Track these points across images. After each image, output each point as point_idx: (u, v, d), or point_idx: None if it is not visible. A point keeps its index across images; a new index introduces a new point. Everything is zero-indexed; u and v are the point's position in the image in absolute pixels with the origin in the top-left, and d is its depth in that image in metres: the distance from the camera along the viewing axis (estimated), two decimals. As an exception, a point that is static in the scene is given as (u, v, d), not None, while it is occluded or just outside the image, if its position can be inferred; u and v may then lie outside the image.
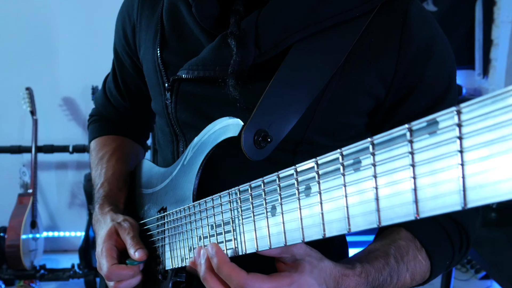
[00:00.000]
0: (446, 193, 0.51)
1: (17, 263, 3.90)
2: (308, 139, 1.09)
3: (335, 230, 0.69)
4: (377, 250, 1.05)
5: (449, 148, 0.51)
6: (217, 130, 1.03)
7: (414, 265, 1.06)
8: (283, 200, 0.78)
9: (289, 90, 1.01)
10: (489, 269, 2.43)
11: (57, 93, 4.58)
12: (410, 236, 1.09)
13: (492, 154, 0.46)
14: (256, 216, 0.85)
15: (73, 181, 4.83)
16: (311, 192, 0.73)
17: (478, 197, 0.48)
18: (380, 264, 1.01)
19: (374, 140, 0.60)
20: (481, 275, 4.27)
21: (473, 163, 0.48)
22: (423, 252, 1.08)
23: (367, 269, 0.99)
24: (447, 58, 1.11)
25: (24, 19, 4.41)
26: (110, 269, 1.16)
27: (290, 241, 0.78)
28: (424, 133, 0.53)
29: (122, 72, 1.47)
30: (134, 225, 1.23)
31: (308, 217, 0.73)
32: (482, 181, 0.47)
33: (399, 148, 0.57)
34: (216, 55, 1.07)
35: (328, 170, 0.69)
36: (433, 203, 0.53)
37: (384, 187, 0.59)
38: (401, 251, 1.05)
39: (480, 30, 4.33)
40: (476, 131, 0.48)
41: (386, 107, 1.11)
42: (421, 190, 0.54)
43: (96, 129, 1.60)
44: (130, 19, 1.31)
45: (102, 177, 1.42)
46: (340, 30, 1.03)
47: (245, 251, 0.89)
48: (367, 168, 0.62)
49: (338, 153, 0.67)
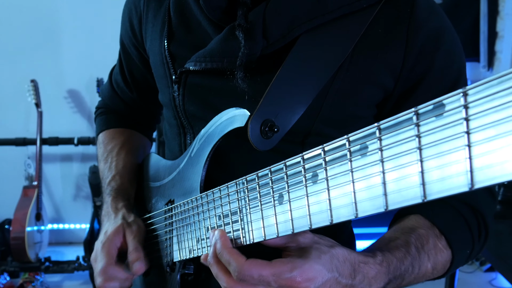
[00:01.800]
0: (453, 175, 0.51)
1: (22, 255, 3.92)
2: (316, 131, 1.08)
3: (343, 215, 0.69)
4: (397, 238, 1.02)
5: (455, 130, 0.51)
6: (224, 121, 1.02)
7: (435, 254, 1.03)
8: (290, 188, 0.78)
9: (296, 81, 1.01)
10: (494, 262, 2.43)
11: (62, 85, 4.60)
12: (428, 224, 1.06)
13: (498, 134, 0.46)
14: (263, 205, 0.85)
15: (78, 174, 4.85)
16: (318, 179, 0.73)
17: (485, 177, 0.48)
18: (401, 253, 0.98)
19: (381, 125, 0.61)
20: (486, 267, 4.28)
21: (480, 144, 0.48)
22: (443, 239, 1.05)
23: (388, 258, 0.95)
24: (455, 48, 1.10)
25: (29, 12, 4.42)
26: (105, 267, 1.16)
27: (297, 228, 0.78)
28: (430, 115, 0.53)
29: (129, 64, 1.47)
30: (142, 229, 1.24)
31: (316, 203, 0.74)
32: (489, 162, 0.47)
33: (405, 132, 0.57)
34: (224, 47, 1.07)
35: (335, 156, 0.69)
36: (440, 185, 0.53)
37: (391, 171, 0.60)
38: (421, 240, 1.02)
39: (485, 22, 4.32)
40: (483, 112, 0.48)
41: (395, 98, 1.10)
42: (428, 172, 0.54)
43: (103, 122, 1.60)
44: (137, 11, 1.31)
45: (113, 170, 1.42)
46: (347, 21, 1.02)
47: (253, 240, 0.88)
48: (374, 153, 0.62)
49: (345, 139, 0.67)
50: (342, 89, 1.06)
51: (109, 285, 1.17)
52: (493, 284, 4.15)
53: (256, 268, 0.85)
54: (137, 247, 1.19)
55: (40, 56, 4.51)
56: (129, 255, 1.18)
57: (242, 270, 0.85)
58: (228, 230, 0.95)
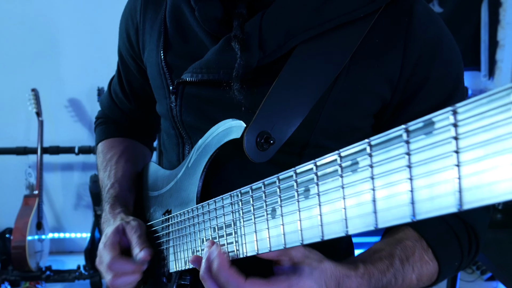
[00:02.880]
0: (442, 195, 0.50)
1: (23, 265, 3.92)
2: (314, 142, 1.08)
3: (333, 232, 0.68)
4: (382, 250, 1.04)
5: (445, 148, 0.50)
6: (221, 132, 1.02)
7: (421, 266, 1.04)
8: (282, 202, 0.78)
9: (292, 92, 1.01)
10: (495, 271, 2.41)
11: (62, 94, 4.60)
12: (417, 236, 1.07)
13: (487, 154, 0.45)
14: (256, 218, 0.85)
15: (79, 183, 4.84)
16: (310, 194, 0.72)
17: (474, 198, 0.47)
18: (384, 265, 1.00)
19: (372, 141, 0.60)
20: (487, 276, 4.26)
21: (468, 164, 0.48)
22: (430, 252, 1.06)
23: (370, 270, 0.97)
24: (454, 57, 1.10)
25: (29, 21, 4.43)
26: (112, 259, 1.15)
27: (289, 243, 0.78)
28: (420, 133, 0.53)
29: (127, 74, 1.47)
30: (142, 224, 1.23)
31: (307, 219, 0.73)
32: (477, 182, 0.47)
33: (396, 149, 0.56)
34: (220, 58, 1.06)
35: (326, 171, 0.69)
36: (429, 205, 0.52)
37: (381, 189, 0.59)
38: (407, 252, 1.04)
39: (485, 31, 4.32)
40: (472, 131, 0.47)
41: (393, 108, 1.10)
42: (417, 191, 0.54)
43: (103, 132, 1.60)
44: (133, 22, 1.31)
45: (112, 178, 1.42)
46: (344, 31, 1.01)
47: (246, 254, 0.88)
48: (364, 170, 0.61)
49: (337, 154, 0.66)
50: (340, 100, 1.05)
51: (119, 281, 1.16)
52: (494, 293, 4.14)
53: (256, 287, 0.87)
54: (140, 238, 1.18)
55: (41, 65, 4.51)
56: (134, 247, 1.17)
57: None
58: (222, 242, 0.94)
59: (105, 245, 1.19)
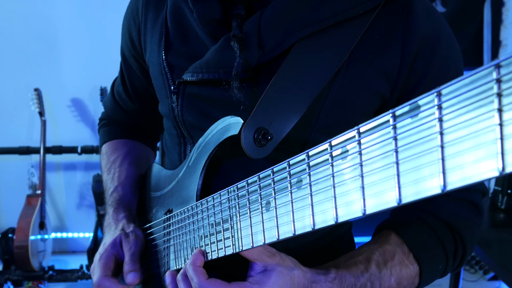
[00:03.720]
0: (426, 177, 0.50)
1: (26, 264, 3.93)
2: (314, 140, 1.08)
3: (323, 221, 0.68)
4: (359, 255, 1.05)
5: (429, 131, 0.50)
6: (219, 130, 1.02)
7: (400, 270, 1.05)
8: (276, 194, 0.78)
9: (290, 89, 1.00)
10: (497, 270, 2.41)
11: (65, 94, 4.61)
12: (398, 241, 1.08)
13: (470, 133, 0.45)
14: (252, 212, 0.85)
15: (82, 182, 4.85)
16: (302, 184, 0.72)
17: (457, 178, 0.47)
18: (358, 270, 1.01)
19: (360, 128, 0.60)
20: (490, 276, 4.26)
21: (452, 145, 0.48)
22: (411, 256, 1.07)
23: (342, 275, 0.99)
24: (453, 54, 1.09)
25: (32, 21, 4.45)
26: (100, 279, 1.17)
27: (282, 234, 0.77)
28: (406, 117, 0.53)
29: (130, 75, 1.47)
30: (139, 239, 1.23)
31: (299, 209, 0.73)
32: (461, 162, 0.47)
33: (383, 134, 0.56)
34: (219, 58, 1.07)
35: (318, 161, 0.69)
36: (415, 188, 0.52)
37: (369, 175, 0.59)
38: (385, 256, 1.05)
39: (488, 31, 4.32)
40: (455, 112, 0.47)
41: (392, 104, 1.09)
42: (403, 175, 0.54)
43: (106, 133, 1.61)
44: (135, 22, 1.31)
45: (116, 181, 1.43)
46: (343, 28, 1.01)
47: (242, 248, 0.88)
48: (354, 157, 0.61)
49: (327, 143, 0.66)
50: (339, 97, 1.05)
51: None
52: (497, 293, 4.14)
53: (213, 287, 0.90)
54: (132, 258, 1.19)
55: (44, 65, 4.53)
56: (124, 266, 1.18)
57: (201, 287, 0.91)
58: (219, 238, 0.95)
59: (100, 258, 1.20)
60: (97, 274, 1.17)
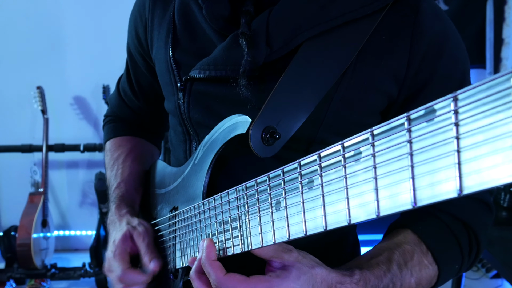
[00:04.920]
0: (442, 181, 0.51)
1: (28, 262, 3.92)
2: (320, 139, 1.08)
3: (336, 222, 0.69)
4: (379, 255, 1.03)
5: (445, 135, 0.50)
6: (227, 128, 1.02)
7: (419, 270, 1.04)
8: (287, 194, 0.78)
9: (298, 88, 1.01)
10: (500, 268, 2.41)
11: (68, 92, 4.61)
12: (416, 240, 1.08)
13: (487, 139, 0.46)
14: (261, 211, 0.85)
15: (84, 180, 4.85)
16: (313, 185, 0.72)
17: (474, 183, 0.47)
18: (381, 270, 1.00)
19: (374, 130, 0.60)
20: (492, 274, 4.26)
21: (469, 150, 0.48)
22: (429, 256, 1.06)
23: (366, 276, 0.97)
24: (460, 54, 1.10)
25: (35, 19, 4.44)
26: (124, 272, 1.17)
27: (293, 235, 0.77)
28: (422, 121, 0.53)
29: (136, 72, 1.48)
30: (148, 230, 1.24)
31: (311, 210, 0.73)
32: (477, 167, 0.47)
33: (398, 137, 0.56)
34: (227, 55, 1.07)
35: (330, 162, 0.69)
36: (430, 191, 0.52)
37: (383, 177, 0.59)
38: (405, 256, 1.03)
39: (491, 29, 4.32)
40: (472, 117, 0.47)
41: (399, 105, 1.10)
42: (418, 178, 0.54)
43: (111, 130, 1.61)
44: (142, 19, 1.31)
45: (119, 178, 1.43)
46: (350, 28, 1.01)
47: (251, 247, 0.88)
48: (367, 159, 0.62)
49: (340, 144, 0.67)
50: (346, 97, 1.05)
51: None
52: (499, 291, 4.14)
53: (232, 282, 0.88)
54: (149, 248, 1.19)
55: (46, 63, 4.52)
56: (143, 256, 1.19)
57: (220, 284, 0.89)
58: (228, 236, 0.95)
59: (114, 254, 1.20)
60: (118, 269, 1.18)
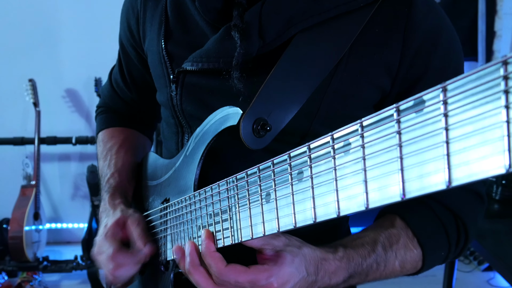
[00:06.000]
0: (431, 172, 0.50)
1: (20, 255, 3.91)
2: (314, 132, 1.08)
3: (325, 214, 0.69)
4: (365, 236, 1.06)
5: (434, 126, 0.50)
6: (218, 120, 1.02)
7: (404, 253, 1.06)
8: (277, 186, 0.78)
9: (289, 80, 1.00)
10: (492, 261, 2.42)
11: (60, 85, 4.59)
12: (403, 225, 1.09)
13: (476, 130, 0.46)
14: (251, 203, 0.85)
15: (76, 173, 4.84)
16: (303, 177, 0.72)
17: (463, 174, 0.47)
18: (365, 250, 1.02)
19: (363, 122, 0.60)
20: (484, 266, 4.28)
21: (458, 141, 0.48)
22: (415, 241, 1.08)
23: (349, 254, 1.00)
24: (454, 47, 1.09)
25: (27, 11, 4.42)
26: (116, 250, 1.16)
27: (282, 227, 0.77)
28: (411, 111, 0.53)
29: (128, 63, 1.48)
30: (142, 218, 1.23)
31: (300, 202, 0.73)
32: (466, 158, 0.47)
33: (387, 128, 0.56)
34: (219, 47, 1.07)
35: (319, 153, 0.69)
36: (419, 183, 0.52)
37: (372, 169, 0.59)
38: (391, 239, 1.06)
39: (483, 21, 4.32)
40: (461, 108, 0.47)
41: (392, 98, 1.10)
42: (407, 170, 0.54)
43: (103, 121, 1.61)
44: (134, 11, 1.31)
45: (112, 168, 1.42)
46: (344, 21, 1.01)
47: (241, 239, 0.89)
48: (356, 150, 0.61)
49: (329, 136, 0.66)
50: (340, 90, 1.05)
51: (119, 272, 1.16)
52: (491, 284, 4.15)
53: (233, 274, 0.89)
54: (143, 232, 1.19)
55: (38, 55, 4.50)
56: (136, 241, 1.18)
57: (221, 276, 0.90)
58: (218, 228, 0.95)
59: (106, 236, 1.19)
60: (110, 248, 1.16)
